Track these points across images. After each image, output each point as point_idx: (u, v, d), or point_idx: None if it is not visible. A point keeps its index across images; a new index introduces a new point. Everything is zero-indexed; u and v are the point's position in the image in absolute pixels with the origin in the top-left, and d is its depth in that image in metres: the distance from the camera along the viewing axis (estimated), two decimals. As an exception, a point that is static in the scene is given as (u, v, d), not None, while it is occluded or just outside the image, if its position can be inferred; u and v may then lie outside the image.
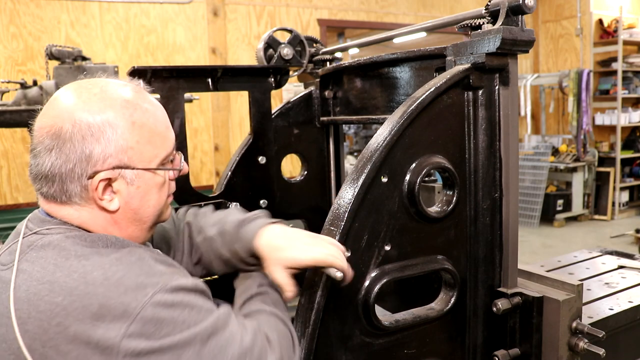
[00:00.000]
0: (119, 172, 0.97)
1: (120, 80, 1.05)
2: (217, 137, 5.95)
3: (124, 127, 0.96)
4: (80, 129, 0.93)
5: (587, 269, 2.02)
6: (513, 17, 1.22)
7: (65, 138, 0.93)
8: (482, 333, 1.35)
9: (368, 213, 1.16)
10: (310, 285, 1.12)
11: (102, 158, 0.95)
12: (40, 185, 0.98)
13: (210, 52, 5.87)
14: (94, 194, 0.96)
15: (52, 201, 0.99)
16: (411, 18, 7.18)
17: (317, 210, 2.07)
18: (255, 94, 1.88)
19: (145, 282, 0.89)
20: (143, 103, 1.02)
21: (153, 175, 1.02)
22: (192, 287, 0.94)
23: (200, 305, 0.93)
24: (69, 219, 0.99)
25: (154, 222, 1.07)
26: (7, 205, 5.10)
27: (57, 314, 0.85)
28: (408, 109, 1.20)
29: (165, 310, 0.87)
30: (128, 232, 1.03)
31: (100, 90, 0.99)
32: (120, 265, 0.90)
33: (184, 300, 0.90)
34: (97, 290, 0.86)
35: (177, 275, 0.94)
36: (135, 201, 1.01)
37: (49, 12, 5.14)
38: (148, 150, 1.00)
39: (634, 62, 7.99)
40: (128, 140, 0.97)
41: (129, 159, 0.97)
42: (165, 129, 1.04)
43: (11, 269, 0.92)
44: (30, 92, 3.61)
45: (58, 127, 0.94)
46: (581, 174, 7.65)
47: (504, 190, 1.33)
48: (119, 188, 0.98)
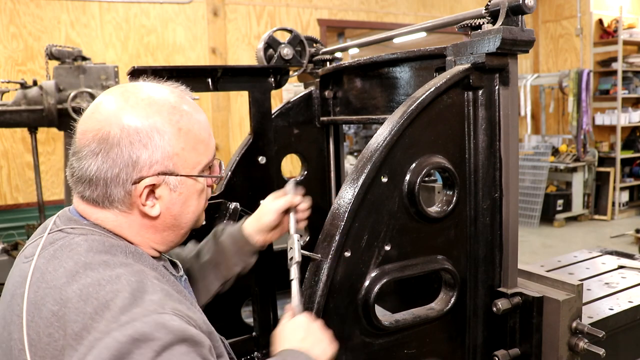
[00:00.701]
0: (164, 179, 0.97)
1: (165, 85, 1.05)
2: (217, 137, 5.95)
3: (171, 133, 0.96)
4: (128, 134, 0.93)
5: (587, 269, 2.03)
6: (513, 17, 1.22)
7: (113, 143, 0.93)
8: (482, 333, 1.35)
9: (368, 213, 1.16)
10: (310, 285, 1.12)
11: (148, 164, 0.95)
12: (83, 188, 0.97)
13: (210, 52, 5.87)
14: (138, 199, 0.96)
15: (91, 204, 0.98)
16: (411, 18, 7.18)
17: (317, 210, 2.07)
18: (255, 94, 1.88)
19: (127, 308, 0.81)
20: (188, 109, 1.02)
21: (195, 182, 1.02)
22: (177, 330, 0.81)
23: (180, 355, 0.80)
24: (103, 222, 0.98)
25: (190, 228, 1.07)
26: (7, 205, 5.09)
27: (51, 325, 0.84)
28: (408, 109, 1.20)
29: (132, 344, 0.77)
30: (163, 235, 1.03)
31: (147, 95, 0.99)
32: (117, 284, 0.85)
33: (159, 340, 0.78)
34: (87, 308, 0.82)
35: (169, 313, 0.83)
36: (176, 207, 1.01)
37: (49, 12, 5.14)
38: (192, 157, 1.00)
39: (634, 62, 7.99)
40: (174, 146, 0.97)
41: (174, 166, 0.97)
42: (208, 136, 1.05)
43: (30, 263, 0.92)
44: (30, 92, 3.61)
45: (105, 131, 0.93)
46: (581, 174, 7.65)
47: (504, 190, 1.33)
48: (162, 194, 0.98)
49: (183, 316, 0.85)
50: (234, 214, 1.77)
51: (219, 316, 1.66)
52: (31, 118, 3.60)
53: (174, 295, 0.91)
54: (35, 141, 3.88)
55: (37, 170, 3.98)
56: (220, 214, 1.78)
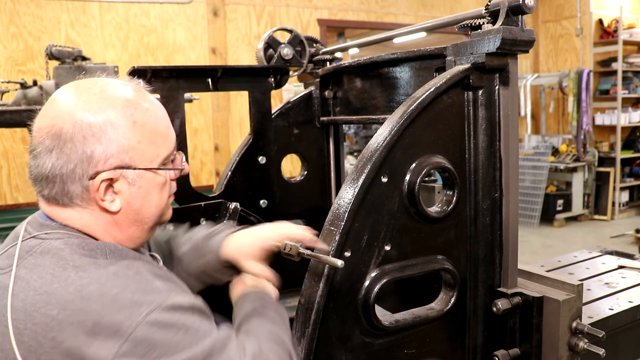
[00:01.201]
0: (121, 172, 0.96)
1: (120, 80, 1.05)
2: (217, 137, 5.95)
3: (126, 126, 0.95)
4: (81, 129, 0.92)
5: (587, 269, 2.02)
6: (513, 17, 1.22)
7: (66, 138, 0.92)
8: (482, 333, 1.35)
9: (368, 213, 1.16)
10: (310, 285, 1.12)
11: (103, 158, 0.94)
12: (41, 187, 0.96)
13: (210, 52, 5.87)
14: (96, 194, 0.95)
15: (53, 203, 0.98)
16: (411, 18, 7.18)
17: (317, 210, 2.07)
18: (255, 94, 1.88)
19: (140, 299, 0.86)
20: (144, 102, 1.00)
21: (154, 175, 1.01)
22: (189, 306, 0.92)
23: (197, 326, 0.90)
24: (70, 221, 0.98)
25: (155, 223, 1.06)
26: (7, 205, 5.10)
27: (52, 328, 0.83)
28: (408, 109, 1.20)
29: (159, 331, 0.85)
30: (129, 232, 1.02)
31: (100, 89, 0.98)
32: (117, 280, 0.88)
33: (179, 321, 0.88)
34: (92, 306, 0.84)
35: (174, 293, 0.91)
36: (136, 201, 1.00)
37: (49, 12, 5.14)
38: (149, 150, 0.99)
39: (634, 62, 7.99)
40: (130, 139, 0.96)
41: (131, 159, 0.96)
42: (166, 128, 1.04)
43: (9, 274, 0.90)
44: (30, 92, 3.61)
45: (58, 127, 0.93)
46: (581, 174, 7.65)
47: (504, 190, 1.33)
48: (121, 188, 0.97)
49: (185, 291, 0.94)
50: (234, 214, 1.77)
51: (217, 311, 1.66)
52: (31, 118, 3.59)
53: (164, 277, 0.97)
54: (35, 141, 3.87)
55: (37, 170, 3.98)
56: (220, 214, 1.78)
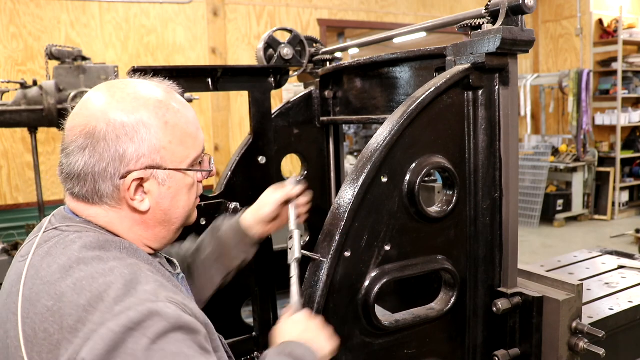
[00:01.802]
0: (152, 172, 0.97)
1: (151, 81, 1.06)
2: (217, 137, 5.95)
3: (158, 127, 0.97)
4: (114, 128, 0.93)
5: (587, 269, 2.03)
6: (513, 17, 1.22)
7: (99, 137, 0.93)
8: (482, 333, 1.35)
9: (368, 213, 1.16)
10: (310, 285, 1.12)
11: (135, 158, 0.95)
12: (72, 184, 0.97)
13: (210, 52, 5.87)
14: (126, 194, 0.96)
15: (81, 201, 0.98)
16: (411, 18, 7.18)
17: (317, 210, 2.07)
18: (255, 94, 1.88)
19: (121, 298, 0.82)
20: (175, 103, 1.02)
21: (184, 176, 1.02)
22: (172, 317, 0.81)
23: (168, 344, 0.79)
24: (95, 218, 0.98)
25: (181, 224, 1.07)
26: (7, 205, 5.09)
27: (46, 320, 0.84)
28: (408, 109, 1.20)
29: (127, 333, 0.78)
30: (155, 231, 1.03)
31: (133, 90, 0.99)
32: (110, 276, 0.86)
33: (149, 329, 0.79)
34: (80, 301, 0.83)
35: (162, 302, 0.83)
36: (165, 202, 1.01)
37: (49, 12, 5.14)
38: (180, 150, 1.00)
39: (634, 62, 7.99)
40: (161, 140, 0.97)
41: (162, 159, 0.97)
42: (195, 129, 1.05)
43: (25, 261, 0.93)
44: (30, 92, 3.61)
45: (92, 126, 0.94)
46: (581, 174, 7.65)
47: (504, 190, 1.33)
48: (151, 188, 0.98)
49: (178, 304, 0.86)
50: (234, 214, 1.77)
51: (219, 316, 1.67)
52: (31, 118, 3.60)
53: (168, 286, 0.91)
54: (35, 141, 3.88)
55: (37, 170, 3.98)
56: (220, 213, 1.78)
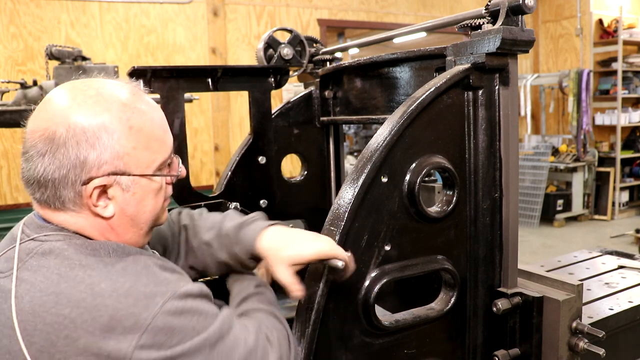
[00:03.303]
0: (115, 179, 0.94)
1: (117, 81, 1.02)
2: (217, 137, 5.95)
3: (121, 131, 0.93)
4: (74, 134, 0.90)
5: (587, 269, 2.02)
6: (513, 17, 1.22)
7: (59, 143, 0.90)
8: (482, 333, 1.35)
9: (368, 213, 1.16)
10: (310, 285, 1.12)
11: (97, 164, 0.91)
12: (32, 190, 0.95)
13: (210, 52, 5.87)
14: (88, 200, 0.93)
15: (46, 207, 0.96)
16: (411, 18, 7.18)
17: (317, 210, 2.07)
18: (255, 94, 1.88)
19: (154, 291, 0.88)
20: (141, 106, 0.98)
21: (149, 181, 0.99)
22: (198, 293, 0.94)
23: (207, 310, 0.94)
24: (66, 224, 0.96)
25: (150, 227, 1.05)
26: (7, 205, 5.10)
27: (66, 327, 0.83)
28: (408, 109, 1.20)
29: (176, 318, 0.88)
30: (125, 237, 1.00)
31: (96, 92, 0.95)
32: (127, 275, 0.89)
33: (192, 307, 0.91)
34: (106, 301, 0.84)
35: (182, 282, 0.94)
36: (130, 207, 0.98)
37: (49, 12, 5.14)
38: (145, 155, 0.96)
39: (634, 62, 7.99)
40: (124, 146, 0.93)
41: (125, 165, 0.94)
42: (163, 133, 1.01)
43: (10, 277, 0.89)
44: (30, 92, 3.61)
45: (51, 131, 0.90)
46: (581, 174, 7.65)
47: (504, 190, 1.33)
48: (114, 194, 0.95)
49: (188, 279, 0.98)
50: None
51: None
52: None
53: (169, 268, 0.98)
54: (35, 141, 3.87)
55: (37, 170, 3.98)
56: (220, 214, 1.78)
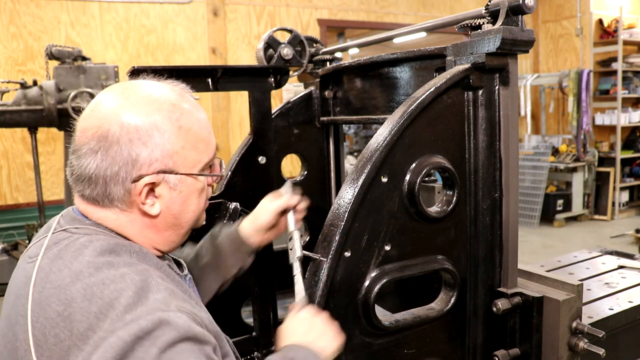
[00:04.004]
0: (163, 177, 0.96)
1: (164, 83, 1.05)
2: (217, 137, 5.95)
3: (171, 131, 0.96)
4: (127, 132, 0.92)
5: (587, 269, 2.02)
6: (513, 17, 1.22)
7: (112, 140, 0.92)
8: (482, 333, 1.35)
9: (368, 213, 1.16)
10: (310, 285, 1.12)
11: (148, 162, 0.94)
12: (82, 187, 0.96)
13: (210, 52, 5.87)
14: (137, 198, 0.95)
15: (91, 203, 0.98)
16: (411, 18, 7.18)
17: (317, 210, 2.07)
18: (255, 94, 1.88)
19: (132, 306, 0.82)
20: (189, 107, 1.01)
21: (195, 180, 1.01)
22: (182, 327, 0.82)
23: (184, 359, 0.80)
24: (105, 221, 0.98)
25: (191, 227, 1.07)
26: (7, 205, 5.10)
27: (57, 325, 0.84)
28: (408, 109, 1.20)
29: (137, 342, 0.78)
30: (165, 235, 1.02)
31: (147, 92, 0.98)
32: (121, 283, 0.86)
33: (160, 338, 0.79)
34: (92, 308, 0.83)
35: (173, 310, 0.83)
36: (176, 206, 1.00)
37: (49, 12, 5.14)
38: (192, 155, 1.00)
39: (634, 62, 7.99)
40: (174, 144, 0.96)
41: (174, 164, 0.97)
42: (208, 134, 1.04)
43: (34, 263, 0.92)
44: (30, 92, 3.62)
45: (105, 129, 0.93)
46: (581, 174, 7.65)
47: (504, 190, 1.33)
48: (162, 193, 0.98)
49: (189, 313, 0.86)
50: (234, 214, 1.77)
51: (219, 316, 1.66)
52: (31, 118, 3.61)
53: (178, 294, 0.91)
54: (35, 141, 3.88)
55: (37, 170, 3.99)
56: (220, 214, 1.78)
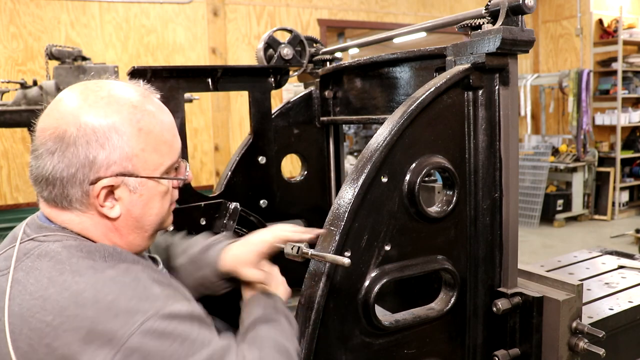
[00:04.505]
0: (122, 180, 0.94)
1: (128, 83, 1.03)
2: (217, 137, 5.95)
3: (130, 133, 0.94)
4: (85, 133, 0.91)
5: (587, 269, 2.02)
6: (513, 17, 1.22)
7: (69, 142, 0.91)
8: (482, 333, 1.35)
9: (368, 213, 1.16)
10: (310, 285, 1.12)
11: (105, 164, 0.92)
12: (40, 188, 0.95)
13: (210, 52, 5.87)
14: (95, 200, 0.94)
15: (52, 205, 0.97)
16: (411, 18, 7.18)
17: (317, 210, 2.07)
18: (255, 94, 1.88)
19: (136, 307, 0.84)
20: (151, 108, 0.99)
21: (157, 183, 0.99)
22: (187, 314, 0.89)
23: (194, 336, 0.88)
24: (69, 224, 0.97)
25: (155, 230, 1.05)
26: (7, 205, 5.10)
27: (47, 335, 0.82)
28: (408, 109, 1.20)
29: (153, 340, 0.83)
30: (129, 239, 1.01)
31: (107, 93, 0.96)
32: (114, 285, 0.86)
33: (176, 330, 0.85)
34: (87, 313, 0.82)
35: (172, 300, 0.89)
36: (137, 209, 0.98)
37: (49, 12, 5.14)
38: (153, 158, 0.97)
39: (634, 62, 7.99)
40: (133, 147, 0.94)
41: (133, 167, 0.95)
42: (172, 137, 1.02)
43: (6, 276, 0.89)
44: (30, 92, 3.61)
45: (62, 129, 0.91)
46: (581, 174, 7.65)
47: (504, 190, 1.33)
48: (121, 195, 0.96)
49: (180, 297, 0.91)
50: (234, 214, 1.77)
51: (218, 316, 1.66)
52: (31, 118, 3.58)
53: (163, 282, 0.94)
54: (35, 141, 3.87)
55: (37, 170, 3.98)
56: (220, 214, 1.78)
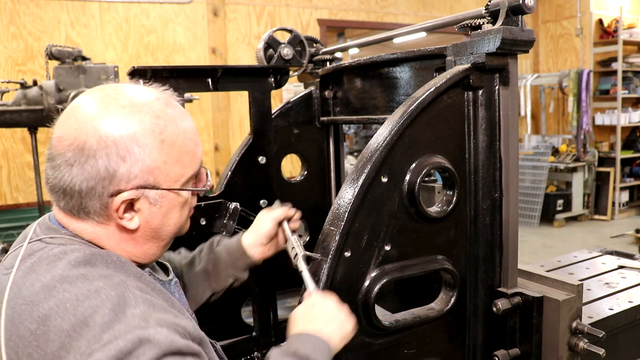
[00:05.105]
0: (143, 192, 0.91)
1: (148, 88, 0.99)
2: (217, 137, 5.95)
3: (153, 145, 0.90)
4: (105, 146, 0.87)
5: (587, 269, 2.02)
6: (513, 17, 1.22)
7: (89, 154, 0.87)
8: (482, 333, 1.35)
9: (368, 213, 1.16)
10: (310, 285, 1.12)
11: (126, 178, 0.89)
12: (57, 197, 0.92)
13: (210, 52, 5.87)
14: (114, 213, 0.91)
15: (68, 214, 0.94)
16: (411, 18, 7.18)
17: (317, 210, 2.07)
18: (255, 94, 1.88)
19: (109, 325, 0.78)
20: (174, 118, 0.95)
21: (177, 194, 0.97)
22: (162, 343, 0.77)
23: None
24: (81, 232, 0.94)
25: (172, 238, 1.03)
26: (7, 205, 5.09)
27: (30, 344, 0.80)
28: (408, 109, 1.20)
29: None
30: (144, 248, 0.98)
31: (129, 101, 0.92)
32: (96, 299, 0.81)
33: (141, 357, 0.75)
34: (64, 325, 0.78)
35: (152, 323, 0.80)
36: (156, 221, 0.96)
37: (49, 12, 5.14)
38: (175, 170, 0.94)
39: (634, 62, 7.99)
40: (155, 160, 0.91)
41: (155, 180, 0.92)
42: (194, 146, 0.98)
43: (8, 276, 0.88)
44: (30, 92, 3.61)
45: (81, 140, 0.87)
46: (581, 174, 7.65)
47: (504, 190, 1.33)
48: (141, 207, 0.93)
49: (169, 326, 0.81)
50: (234, 214, 1.77)
51: (219, 316, 1.66)
52: (31, 118, 3.60)
53: (158, 305, 0.86)
54: (35, 141, 3.88)
55: (37, 170, 3.98)
56: (220, 214, 1.78)
